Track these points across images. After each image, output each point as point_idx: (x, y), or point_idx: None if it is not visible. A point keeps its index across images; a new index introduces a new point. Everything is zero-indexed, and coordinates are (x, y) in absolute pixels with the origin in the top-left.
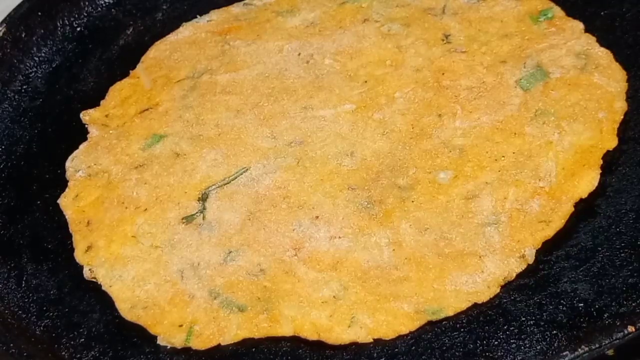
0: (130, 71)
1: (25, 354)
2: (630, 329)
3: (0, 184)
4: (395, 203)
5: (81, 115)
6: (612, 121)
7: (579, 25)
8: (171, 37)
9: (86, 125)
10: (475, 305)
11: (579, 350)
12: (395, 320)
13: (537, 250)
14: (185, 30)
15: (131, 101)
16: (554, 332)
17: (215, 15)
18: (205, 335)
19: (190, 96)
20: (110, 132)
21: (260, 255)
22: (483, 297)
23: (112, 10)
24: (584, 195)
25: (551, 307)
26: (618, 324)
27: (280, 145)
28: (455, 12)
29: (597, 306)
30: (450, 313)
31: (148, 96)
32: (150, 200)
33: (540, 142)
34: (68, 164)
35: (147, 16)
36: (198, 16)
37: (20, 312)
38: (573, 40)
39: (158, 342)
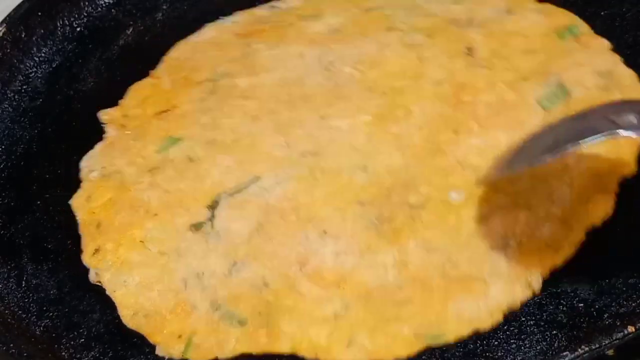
0: (150, 71)
1: (25, 354)
2: (630, 329)
3: (0, 184)
4: (405, 221)
5: (100, 114)
6: (632, 146)
7: (606, 43)
8: (194, 38)
9: (103, 125)
10: (476, 332)
11: (579, 350)
12: (394, 343)
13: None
14: (209, 31)
15: (150, 102)
16: (554, 332)
17: (239, 16)
18: (204, 348)
19: (209, 99)
20: (127, 132)
21: (266, 268)
22: (485, 325)
23: (112, 10)
24: (597, 222)
25: (551, 307)
26: (618, 324)
27: (294, 154)
28: (480, 24)
29: (597, 306)
30: (451, 339)
31: (167, 97)
32: (161, 204)
33: (557, 166)
34: (83, 163)
35: (147, 16)
36: (222, 17)
37: (20, 312)
38: (598, 58)
39: (157, 352)
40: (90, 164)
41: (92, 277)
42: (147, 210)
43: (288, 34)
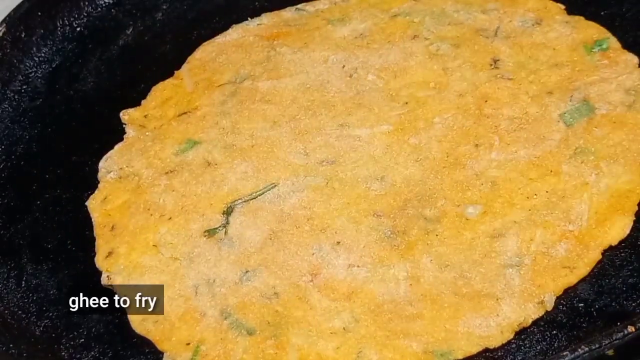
0: (176, 71)
1: (25, 354)
2: (630, 329)
3: (0, 184)
4: (419, 235)
5: (121, 114)
6: None
7: (634, 60)
8: (219, 39)
9: (124, 125)
10: (486, 350)
11: (579, 350)
12: (403, 358)
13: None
14: (234, 33)
15: (171, 103)
16: (554, 332)
17: (265, 18)
18: (211, 357)
19: (230, 102)
20: (147, 133)
21: (277, 278)
22: (495, 342)
23: (112, 10)
24: (614, 242)
25: None
26: (618, 324)
27: (312, 163)
28: (508, 35)
29: (597, 306)
30: (460, 356)
31: (188, 99)
32: (176, 209)
33: (576, 183)
34: (101, 164)
35: (147, 16)
36: (249, 18)
37: (20, 312)
38: (625, 74)
39: (164, 359)
40: (108, 165)
41: (104, 280)
42: (162, 214)
43: (313, 38)
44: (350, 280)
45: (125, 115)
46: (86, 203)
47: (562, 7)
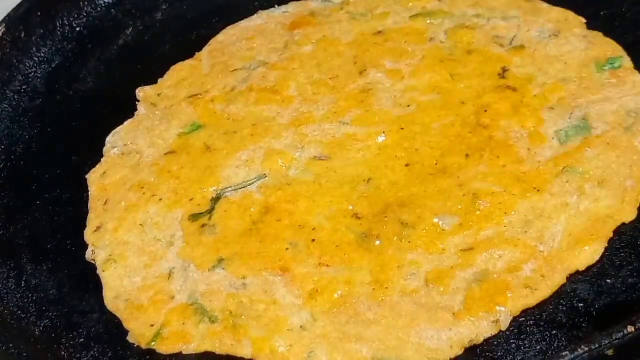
0: (196, 53)
1: (25, 354)
2: (630, 329)
3: (0, 184)
4: (393, 241)
5: (137, 91)
6: (638, 193)
7: None
8: (243, 23)
9: (137, 102)
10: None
11: (579, 350)
12: None
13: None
14: (258, 18)
15: (186, 84)
16: (554, 332)
17: (292, 7)
18: (170, 341)
19: (239, 88)
20: (156, 112)
21: (248, 269)
22: (442, 357)
23: (112, 10)
24: (582, 268)
25: (551, 307)
26: (618, 324)
27: (305, 157)
28: (523, 45)
29: (597, 306)
30: None
31: (202, 81)
32: (168, 190)
33: (557, 203)
34: (108, 139)
35: (147, 16)
36: (276, 6)
37: (20, 312)
38: (630, 96)
39: (127, 338)
40: (114, 140)
41: (88, 255)
42: (154, 194)
43: (333, 31)
44: (317, 280)
45: (141, 92)
46: (86, 176)
47: (584, 20)
